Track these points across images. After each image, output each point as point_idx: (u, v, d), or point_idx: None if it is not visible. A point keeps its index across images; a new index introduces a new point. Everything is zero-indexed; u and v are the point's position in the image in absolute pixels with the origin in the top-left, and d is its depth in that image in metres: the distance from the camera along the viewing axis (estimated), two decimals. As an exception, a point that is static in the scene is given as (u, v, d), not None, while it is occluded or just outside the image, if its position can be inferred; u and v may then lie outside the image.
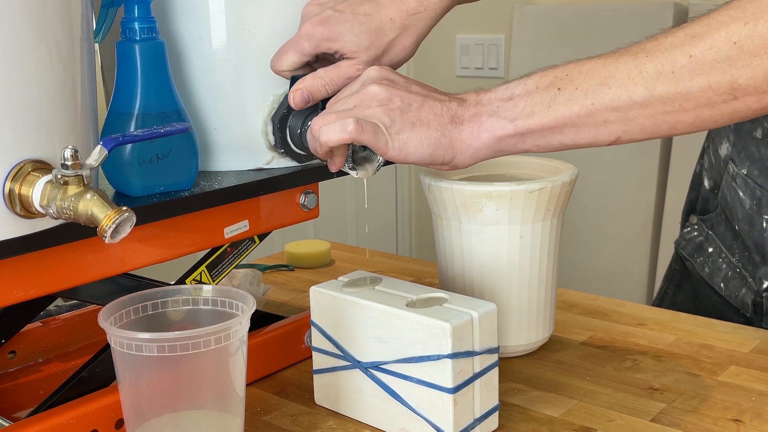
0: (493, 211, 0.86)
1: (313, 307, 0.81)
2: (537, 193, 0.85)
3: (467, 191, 0.86)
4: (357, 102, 0.75)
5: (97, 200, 0.61)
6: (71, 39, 0.66)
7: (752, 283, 1.02)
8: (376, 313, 0.76)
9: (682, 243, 1.15)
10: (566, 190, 0.88)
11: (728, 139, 1.05)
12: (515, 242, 0.87)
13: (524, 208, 0.86)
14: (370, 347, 0.77)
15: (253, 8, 0.82)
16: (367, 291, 0.79)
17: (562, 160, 0.95)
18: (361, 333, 0.77)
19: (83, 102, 0.69)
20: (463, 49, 2.50)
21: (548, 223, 0.88)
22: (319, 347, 0.82)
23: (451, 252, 0.91)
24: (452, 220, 0.89)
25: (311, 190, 0.89)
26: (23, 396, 0.86)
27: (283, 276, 1.22)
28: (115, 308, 0.70)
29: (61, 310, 0.99)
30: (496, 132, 0.73)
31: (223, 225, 0.82)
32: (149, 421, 0.68)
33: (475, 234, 0.88)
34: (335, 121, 0.73)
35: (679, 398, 0.82)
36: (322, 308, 0.80)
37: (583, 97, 0.70)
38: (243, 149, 0.85)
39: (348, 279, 0.82)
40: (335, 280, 0.82)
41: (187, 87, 0.83)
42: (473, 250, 0.89)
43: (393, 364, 0.75)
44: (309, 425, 0.79)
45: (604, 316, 1.03)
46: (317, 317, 0.81)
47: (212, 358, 0.67)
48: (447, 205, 0.88)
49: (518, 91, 0.73)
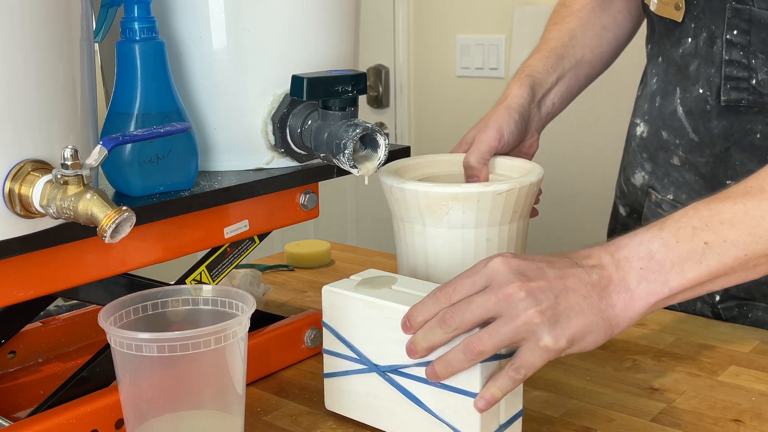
0: (460, 213, 0.82)
1: (325, 308, 0.78)
2: (505, 195, 0.82)
3: (433, 193, 0.82)
4: (498, 308, 0.68)
5: (97, 200, 0.61)
6: (71, 39, 0.66)
7: (706, 297, 1.03)
8: (396, 313, 0.72)
9: None
10: (533, 190, 0.84)
11: (643, 168, 1.06)
12: (482, 246, 0.84)
13: (491, 210, 0.82)
14: (388, 350, 0.73)
15: (253, 8, 0.82)
16: (384, 291, 0.75)
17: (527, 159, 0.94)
18: (378, 335, 0.74)
19: (83, 102, 0.69)
20: (463, 49, 2.50)
21: (515, 225, 0.85)
22: (331, 350, 0.78)
23: (414, 257, 0.86)
24: (416, 224, 0.84)
25: (311, 190, 0.89)
26: (23, 396, 0.86)
27: (283, 276, 1.22)
28: (115, 308, 0.70)
29: (61, 310, 0.99)
30: (650, 299, 0.70)
31: (223, 225, 0.82)
32: (149, 421, 0.68)
33: (440, 238, 0.84)
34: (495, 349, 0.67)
35: (679, 398, 0.82)
36: (335, 309, 0.77)
37: (734, 248, 0.70)
38: (243, 149, 0.85)
39: (361, 278, 0.78)
40: (347, 279, 0.79)
41: (187, 87, 0.83)
42: (438, 254, 0.84)
43: (414, 367, 0.72)
44: (309, 425, 0.79)
45: (604, 316, 1.03)
46: (330, 318, 0.77)
47: (212, 358, 0.67)
48: (410, 208, 0.84)
49: (656, 247, 0.70)
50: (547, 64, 1.04)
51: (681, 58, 0.98)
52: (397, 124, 2.68)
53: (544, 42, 1.09)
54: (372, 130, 0.79)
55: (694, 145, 0.98)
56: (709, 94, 0.95)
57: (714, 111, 0.95)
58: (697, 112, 0.97)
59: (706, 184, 0.98)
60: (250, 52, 0.83)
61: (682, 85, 0.98)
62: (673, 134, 1.00)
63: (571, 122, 2.18)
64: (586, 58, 1.08)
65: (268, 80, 0.84)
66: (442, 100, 2.57)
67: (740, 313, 1.01)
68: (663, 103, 1.02)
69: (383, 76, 2.66)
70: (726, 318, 1.02)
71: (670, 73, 1.01)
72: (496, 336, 0.67)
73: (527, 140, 1.01)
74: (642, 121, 1.06)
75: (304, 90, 0.79)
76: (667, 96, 1.01)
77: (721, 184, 0.96)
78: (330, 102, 0.80)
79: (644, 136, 1.06)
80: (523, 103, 0.99)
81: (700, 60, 0.95)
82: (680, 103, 0.99)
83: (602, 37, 1.10)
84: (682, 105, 0.98)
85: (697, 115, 0.97)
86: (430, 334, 0.69)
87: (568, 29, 1.09)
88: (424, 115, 2.64)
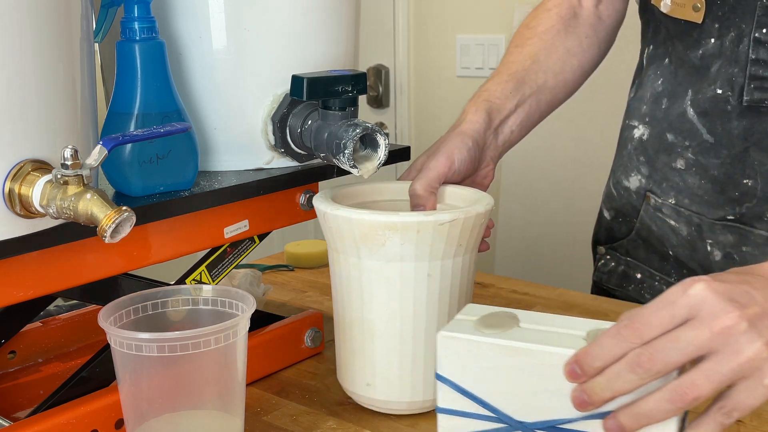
0: (398, 245, 0.73)
1: (440, 358, 0.65)
2: (448, 226, 0.73)
3: (367, 221, 0.73)
4: (713, 344, 0.57)
5: (97, 200, 0.61)
6: (71, 39, 0.66)
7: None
8: (558, 359, 0.60)
9: (603, 277, 1.14)
10: (480, 222, 0.76)
11: (639, 172, 1.05)
12: (422, 282, 0.75)
13: (433, 242, 0.74)
14: (539, 403, 0.62)
15: (253, 8, 0.82)
16: (516, 331, 0.64)
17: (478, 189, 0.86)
18: (524, 385, 0.62)
19: (83, 102, 0.69)
20: (463, 49, 2.50)
21: (459, 259, 0.76)
22: (451, 408, 0.65)
23: (348, 292, 0.78)
24: (350, 255, 0.76)
25: (311, 190, 0.89)
26: (23, 396, 0.86)
27: (283, 276, 1.22)
28: (115, 308, 0.70)
29: (61, 310, 0.99)
30: None
31: (223, 225, 0.82)
32: (149, 421, 0.68)
33: (376, 271, 0.75)
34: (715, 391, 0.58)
35: (679, 398, 0.82)
36: (456, 358, 0.64)
37: None
38: (243, 149, 0.85)
39: (471, 317, 0.67)
40: (458, 320, 0.67)
41: (187, 87, 0.83)
42: (374, 290, 0.76)
43: (581, 422, 0.60)
44: (309, 425, 0.79)
45: (604, 316, 1.03)
46: (448, 370, 0.65)
47: (212, 358, 0.67)
48: (345, 237, 0.76)
49: None
50: (506, 89, 0.99)
51: (700, 59, 0.96)
52: (397, 124, 2.68)
53: (504, 65, 1.03)
54: (372, 130, 0.79)
55: (708, 147, 0.97)
56: (730, 94, 0.94)
57: (735, 111, 0.94)
58: (713, 113, 0.96)
59: (715, 187, 0.97)
60: (250, 52, 0.83)
61: (695, 86, 0.97)
62: (681, 136, 0.99)
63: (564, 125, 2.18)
64: (549, 84, 1.03)
65: (268, 80, 0.84)
66: (442, 100, 2.57)
67: None
68: (670, 105, 1.01)
69: (383, 76, 2.66)
70: None
71: (681, 74, 1.00)
72: (714, 377, 0.57)
73: (482, 169, 0.95)
74: (641, 123, 1.05)
75: (305, 90, 0.79)
76: (676, 98, 1.00)
77: (737, 184, 0.95)
78: (330, 102, 0.80)
79: (644, 139, 1.05)
80: (479, 129, 0.93)
81: (723, 60, 0.94)
82: (691, 104, 0.98)
83: (566, 62, 1.05)
84: (694, 106, 0.98)
85: (714, 115, 0.96)
86: (616, 381, 0.58)
87: (531, 52, 1.04)
88: (424, 115, 2.64)
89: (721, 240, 0.98)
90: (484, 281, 1.16)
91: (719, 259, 0.99)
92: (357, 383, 0.80)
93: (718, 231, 0.98)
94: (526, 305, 1.07)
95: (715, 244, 0.99)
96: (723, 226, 0.97)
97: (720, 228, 0.98)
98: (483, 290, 1.13)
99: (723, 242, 0.98)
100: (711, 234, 0.99)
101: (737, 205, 0.96)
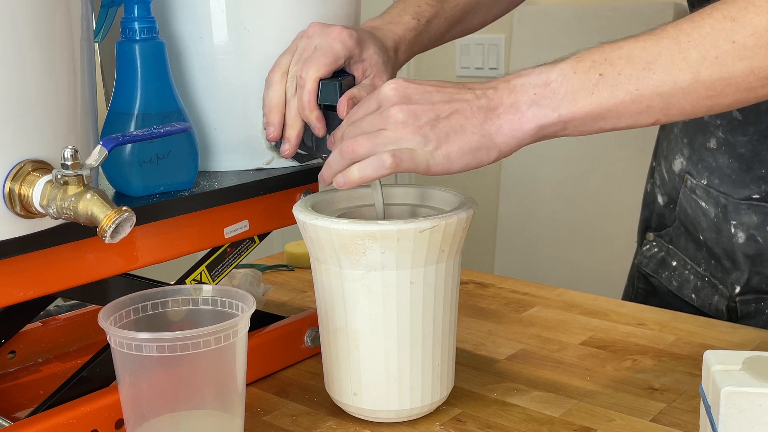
0: (378, 254, 0.72)
1: (723, 416, 0.58)
2: (428, 233, 0.72)
3: (347, 231, 0.72)
4: (381, 124, 0.72)
5: (97, 200, 0.61)
6: (71, 39, 0.66)
7: (724, 290, 1.03)
8: None
9: (643, 261, 1.16)
10: (462, 227, 0.75)
11: (682, 154, 1.06)
12: (405, 290, 0.74)
13: (414, 249, 0.72)
14: None
15: (253, 8, 0.82)
16: None
17: (462, 191, 0.82)
18: None
19: (83, 102, 0.69)
20: (463, 49, 2.50)
21: (443, 265, 0.75)
22: None
23: (331, 302, 0.77)
24: (331, 265, 0.75)
25: (311, 190, 0.89)
26: (23, 396, 0.86)
27: (283, 276, 1.22)
28: (115, 308, 0.70)
29: (61, 310, 0.99)
30: (539, 121, 0.71)
31: (223, 225, 0.82)
32: (149, 421, 0.68)
33: (359, 281, 0.74)
34: (369, 153, 0.72)
35: (679, 398, 0.82)
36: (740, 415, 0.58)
37: (627, 83, 0.70)
38: (243, 149, 0.85)
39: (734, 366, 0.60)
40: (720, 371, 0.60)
41: (187, 87, 0.83)
42: (357, 299, 0.75)
43: None
44: (309, 425, 0.79)
45: (604, 316, 1.03)
46: (733, 429, 0.58)
47: (212, 358, 0.67)
48: (325, 247, 0.74)
49: (554, 76, 0.71)
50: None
51: None
52: (397, 124, 2.67)
53: None
54: (372, 130, 0.79)
55: (737, 124, 0.97)
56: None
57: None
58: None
59: (741, 166, 0.97)
60: (250, 52, 0.83)
61: None
62: (714, 115, 0.99)
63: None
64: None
65: (268, 80, 0.84)
66: (442, 100, 2.57)
67: (757, 310, 1.01)
68: None
69: (383, 76, 2.66)
70: (741, 314, 1.02)
71: None
72: (372, 140, 0.72)
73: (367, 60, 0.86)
74: None
75: (338, 95, 0.79)
76: None
77: (763, 161, 0.95)
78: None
79: (687, 120, 1.04)
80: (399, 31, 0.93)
81: None
82: None
83: None
84: None
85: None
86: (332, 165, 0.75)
87: None
88: (424, 115, 2.64)
89: (745, 221, 0.99)
90: (484, 281, 1.16)
91: (742, 242, 0.99)
92: (344, 393, 0.79)
93: (743, 211, 0.98)
94: (526, 305, 1.07)
95: (739, 225, 0.99)
96: (748, 206, 0.98)
97: (745, 208, 0.98)
98: (483, 290, 1.13)
99: (747, 223, 0.99)
100: (736, 215, 0.99)
101: (763, 182, 0.96)
